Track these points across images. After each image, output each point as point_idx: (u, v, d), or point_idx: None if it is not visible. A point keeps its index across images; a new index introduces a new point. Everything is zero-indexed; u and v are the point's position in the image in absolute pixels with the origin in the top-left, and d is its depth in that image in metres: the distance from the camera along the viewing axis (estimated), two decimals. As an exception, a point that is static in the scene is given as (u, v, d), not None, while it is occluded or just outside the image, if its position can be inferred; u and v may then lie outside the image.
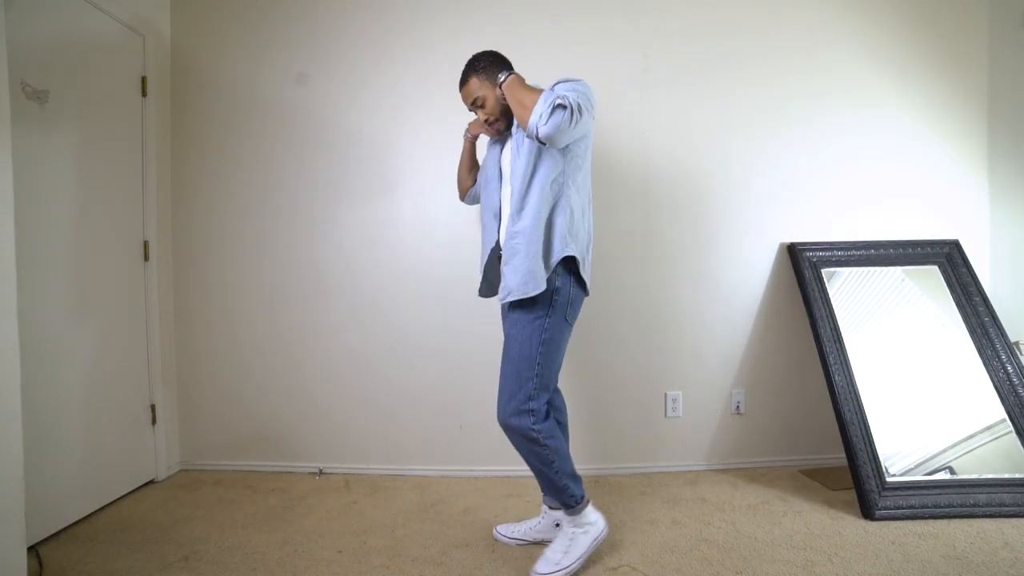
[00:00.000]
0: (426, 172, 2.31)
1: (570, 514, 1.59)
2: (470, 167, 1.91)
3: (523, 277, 1.47)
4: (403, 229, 2.33)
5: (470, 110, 1.67)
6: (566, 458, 1.57)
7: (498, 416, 1.55)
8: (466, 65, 1.64)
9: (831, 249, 2.30)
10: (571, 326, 1.58)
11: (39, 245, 1.75)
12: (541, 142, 1.42)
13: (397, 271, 2.33)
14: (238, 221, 2.36)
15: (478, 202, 1.88)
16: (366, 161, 2.33)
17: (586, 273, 1.57)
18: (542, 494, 1.74)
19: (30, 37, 1.72)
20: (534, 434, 1.51)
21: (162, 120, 2.31)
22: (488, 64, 1.61)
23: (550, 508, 1.74)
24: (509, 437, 1.57)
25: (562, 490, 1.57)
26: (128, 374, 2.15)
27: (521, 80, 1.55)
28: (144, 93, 2.20)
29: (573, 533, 1.58)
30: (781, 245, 2.36)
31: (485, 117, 1.64)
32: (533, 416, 1.50)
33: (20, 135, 1.56)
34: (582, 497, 1.59)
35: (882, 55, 2.37)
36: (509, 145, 1.61)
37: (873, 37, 2.36)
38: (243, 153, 2.35)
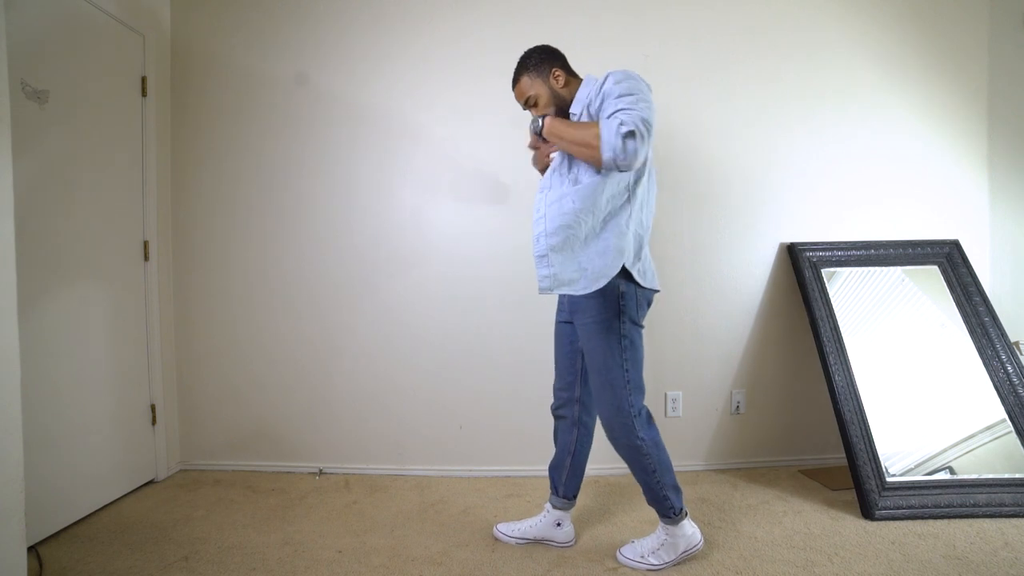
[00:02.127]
0: (426, 172, 2.32)
1: (667, 524, 1.60)
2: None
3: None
4: (403, 230, 2.33)
5: (524, 109, 1.63)
6: (668, 469, 1.57)
7: (611, 432, 1.56)
8: (517, 63, 1.61)
9: (831, 249, 2.30)
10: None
11: (39, 245, 1.75)
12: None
13: (397, 271, 2.33)
14: (238, 221, 2.36)
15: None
16: (366, 161, 2.33)
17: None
18: (550, 492, 1.76)
19: (30, 37, 1.72)
20: (637, 442, 1.52)
21: (162, 120, 2.31)
22: (539, 60, 1.58)
23: (553, 507, 1.75)
24: (622, 453, 1.58)
25: (662, 500, 1.57)
26: (128, 374, 2.15)
27: (560, 119, 1.49)
28: (144, 93, 2.20)
29: (665, 540, 1.60)
30: (781, 245, 2.36)
31: (540, 114, 1.56)
32: (636, 422, 1.52)
33: (20, 135, 1.56)
34: (680, 509, 1.59)
35: (882, 55, 2.37)
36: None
37: (873, 37, 2.36)
38: (243, 153, 2.35)
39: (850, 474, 1.95)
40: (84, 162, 1.93)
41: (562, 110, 1.58)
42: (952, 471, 1.93)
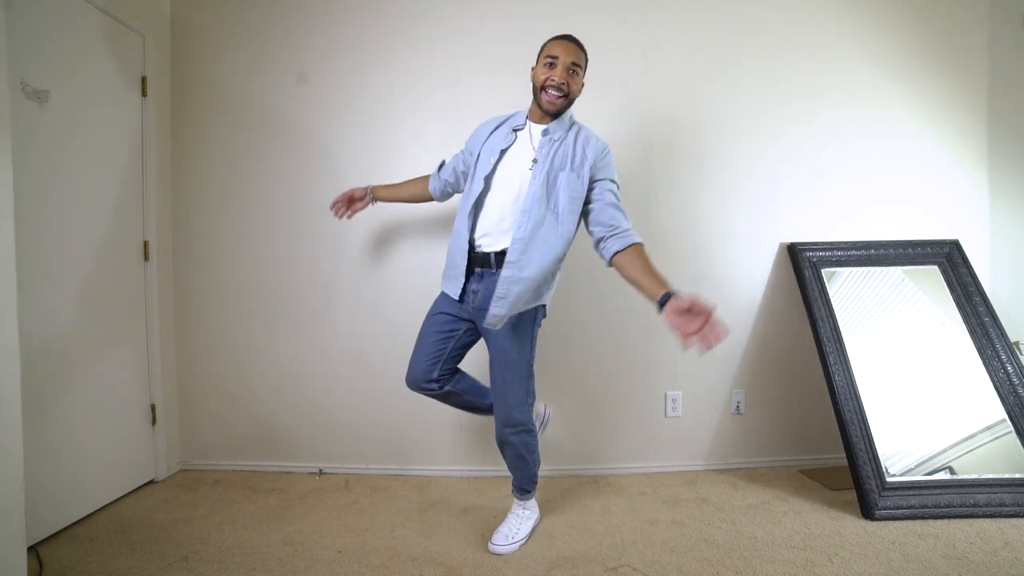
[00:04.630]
0: (426, 171, 2.31)
1: (525, 499, 1.81)
2: (411, 195, 2.00)
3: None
4: (403, 230, 2.33)
5: (568, 68, 1.56)
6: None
7: (512, 419, 1.67)
8: (579, 42, 1.63)
9: (831, 249, 2.30)
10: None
11: (39, 245, 1.75)
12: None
13: (397, 271, 2.33)
14: (238, 221, 2.36)
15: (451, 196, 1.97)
16: (366, 161, 2.33)
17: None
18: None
19: (30, 37, 1.72)
20: (531, 425, 1.73)
21: (162, 120, 2.31)
22: (586, 61, 1.65)
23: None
24: (513, 438, 1.69)
25: (533, 476, 1.79)
26: (128, 374, 2.14)
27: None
28: (144, 93, 2.20)
29: (524, 514, 1.81)
30: (781, 245, 2.36)
31: (561, 81, 1.55)
32: (530, 407, 1.72)
33: (20, 135, 1.56)
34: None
35: (882, 55, 2.37)
36: (524, 153, 1.63)
37: (873, 37, 2.36)
38: (243, 153, 2.35)
39: (850, 474, 1.95)
40: (84, 162, 1.93)
41: (565, 109, 1.63)
42: (952, 471, 1.93)
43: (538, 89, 1.59)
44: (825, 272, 2.26)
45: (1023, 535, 1.73)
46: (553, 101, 1.58)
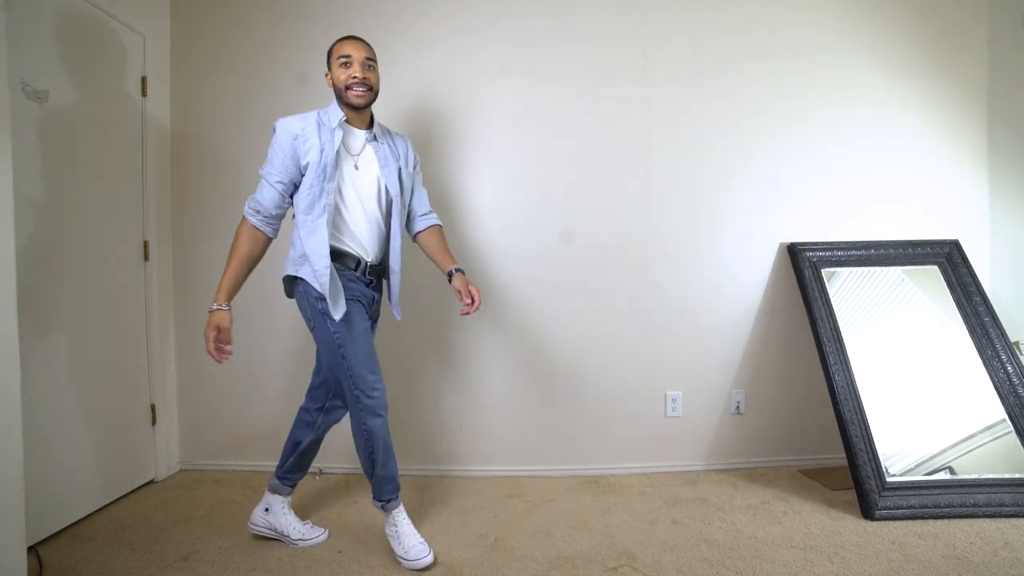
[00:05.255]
0: (426, 172, 2.31)
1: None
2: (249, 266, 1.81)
3: None
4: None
5: (363, 62, 1.61)
6: None
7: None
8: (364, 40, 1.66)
9: (831, 249, 2.30)
10: None
11: (39, 245, 1.75)
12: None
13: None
14: (238, 221, 2.35)
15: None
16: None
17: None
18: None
19: (30, 37, 1.72)
20: None
21: (162, 120, 2.31)
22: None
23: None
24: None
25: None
26: (128, 374, 2.15)
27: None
28: (144, 93, 2.20)
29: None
30: (781, 245, 2.36)
31: (363, 76, 1.60)
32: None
33: (20, 135, 1.56)
34: None
35: (882, 55, 2.37)
36: (375, 156, 1.67)
37: (873, 37, 2.36)
38: (243, 153, 2.35)
39: (850, 474, 1.95)
40: (84, 162, 1.93)
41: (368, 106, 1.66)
42: (952, 471, 1.93)
43: (342, 89, 1.62)
44: (825, 272, 2.26)
45: (1023, 535, 1.73)
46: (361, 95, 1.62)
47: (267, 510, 1.78)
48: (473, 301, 1.70)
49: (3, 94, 1.37)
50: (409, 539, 1.64)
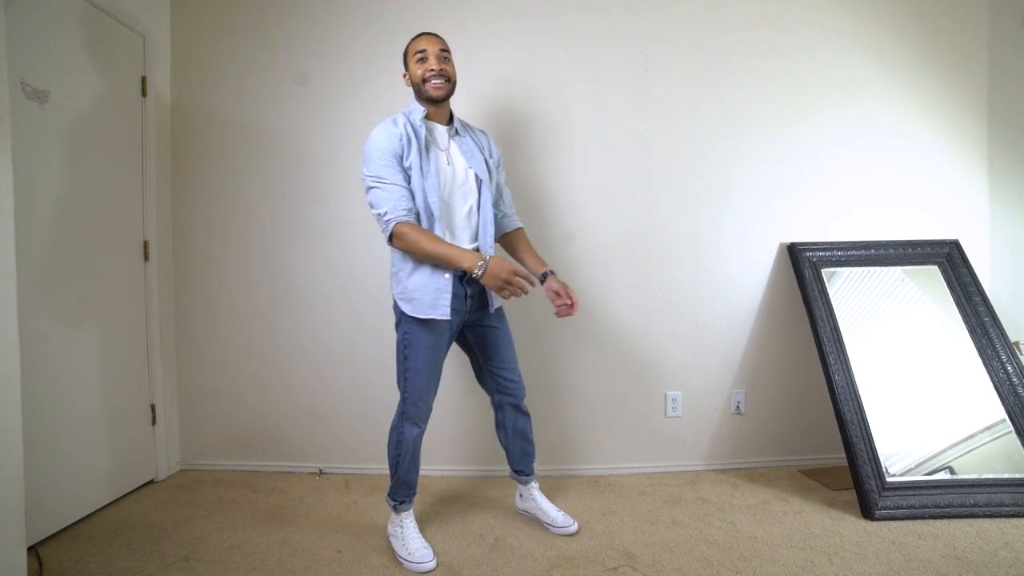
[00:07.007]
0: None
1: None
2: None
3: None
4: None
5: (438, 55, 1.64)
6: None
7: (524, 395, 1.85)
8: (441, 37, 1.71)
9: (831, 249, 2.30)
10: None
11: (39, 245, 1.75)
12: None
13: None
14: (238, 221, 2.36)
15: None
16: (366, 161, 2.33)
17: None
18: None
19: (30, 37, 1.72)
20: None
21: (162, 120, 2.31)
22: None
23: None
24: (524, 412, 1.87)
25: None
26: (128, 374, 2.15)
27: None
28: (144, 93, 2.20)
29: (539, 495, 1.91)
30: (781, 245, 2.36)
31: (440, 68, 1.62)
32: None
33: (20, 135, 1.56)
34: None
35: (882, 55, 2.37)
36: (459, 147, 1.70)
37: (873, 37, 2.36)
38: (243, 153, 2.35)
39: (850, 474, 1.95)
40: (84, 162, 1.93)
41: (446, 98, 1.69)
42: (952, 471, 1.93)
43: (420, 83, 1.65)
44: (825, 272, 2.26)
45: (1023, 535, 1.73)
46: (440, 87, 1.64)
47: (521, 496, 1.95)
48: (572, 303, 1.70)
49: (3, 94, 1.37)
50: (414, 542, 1.66)
